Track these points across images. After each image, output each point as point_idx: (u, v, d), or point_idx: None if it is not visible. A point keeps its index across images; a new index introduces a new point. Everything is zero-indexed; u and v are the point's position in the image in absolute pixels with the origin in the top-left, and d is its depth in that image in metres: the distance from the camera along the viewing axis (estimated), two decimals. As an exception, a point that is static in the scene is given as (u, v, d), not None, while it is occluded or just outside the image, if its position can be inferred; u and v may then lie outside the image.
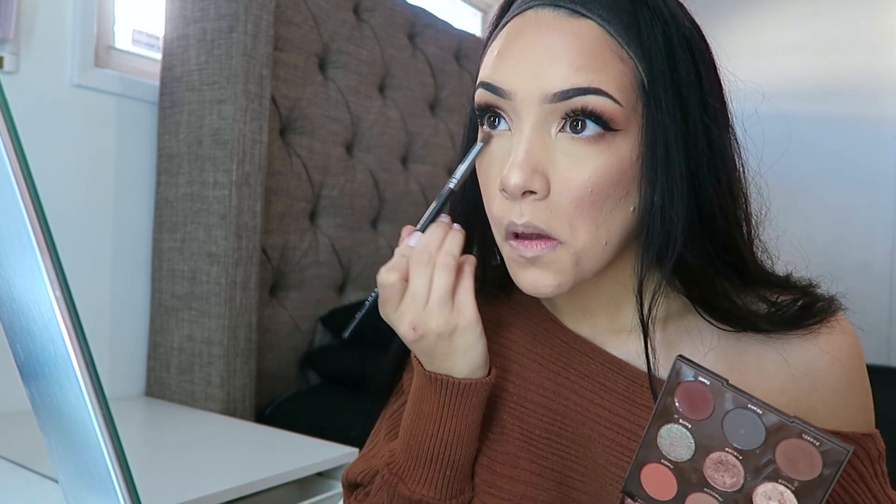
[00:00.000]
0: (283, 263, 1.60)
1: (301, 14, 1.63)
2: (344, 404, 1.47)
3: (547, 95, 0.48)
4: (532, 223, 0.50)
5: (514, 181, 0.48)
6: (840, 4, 2.66)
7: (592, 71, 0.48)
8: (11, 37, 1.30)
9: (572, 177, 0.49)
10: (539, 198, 0.49)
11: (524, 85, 0.49)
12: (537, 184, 0.49)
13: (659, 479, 0.45)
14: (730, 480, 0.43)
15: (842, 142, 2.63)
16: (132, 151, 1.52)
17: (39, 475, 1.00)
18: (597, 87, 0.48)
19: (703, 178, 0.51)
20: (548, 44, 0.49)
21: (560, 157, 0.49)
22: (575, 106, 0.48)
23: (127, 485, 0.38)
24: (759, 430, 0.42)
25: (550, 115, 0.49)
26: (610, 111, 0.48)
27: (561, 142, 0.50)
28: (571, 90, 0.48)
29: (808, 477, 0.40)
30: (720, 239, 0.52)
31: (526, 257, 0.51)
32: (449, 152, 2.15)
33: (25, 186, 0.36)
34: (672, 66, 0.50)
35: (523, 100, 0.50)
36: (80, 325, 0.37)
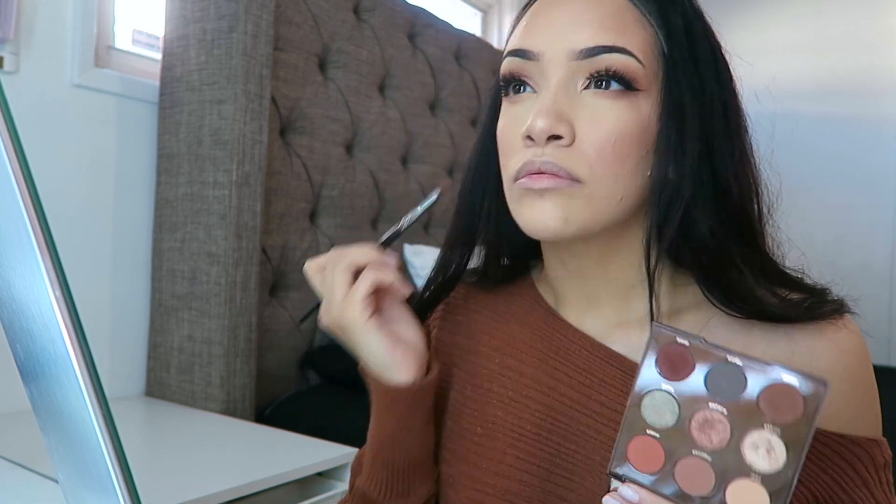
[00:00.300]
0: (283, 263, 1.61)
1: (301, 14, 1.63)
2: (344, 404, 1.47)
3: (574, 52, 0.51)
4: (552, 161, 0.50)
5: (540, 125, 0.50)
6: (840, 4, 2.66)
7: (617, 32, 0.51)
8: (11, 37, 1.30)
9: (597, 126, 0.51)
10: (564, 143, 0.50)
11: (552, 44, 0.52)
12: (563, 129, 0.50)
13: (646, 451, 0.45)
14: (717, 438, 0.43)
15: (842, 142, 2.63)
16: (132, 151, 1.52)
17: (39, 475, 1.00)
18: (621, 46, 0.51)
19: (719, 146, 0.53)
20: (576, 9, 0.52)
21: (585, 111, 0.51)
22: (600, 64, 0.51)
23: (127, 485, 0.38)
24: (740, 381, 0.43)
25: (576, 72, 0.52)
26: (633, 70, 0.51)
27: (585, 97, 0.52)
28: (597, 48, 0.50)
29: (791, 419, 0.41)
30: (734, 208, 0.53)
31: (536, 189, 0.51)
32: (449, 152, 2.15)
33: (25, 186, 0.36)
34: (690, 40, 0.53)
35: (550, 59, 0.52)
36: (80, 325, 0.37)
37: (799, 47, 2.71)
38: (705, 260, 0.53)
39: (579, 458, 0.56)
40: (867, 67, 2.62)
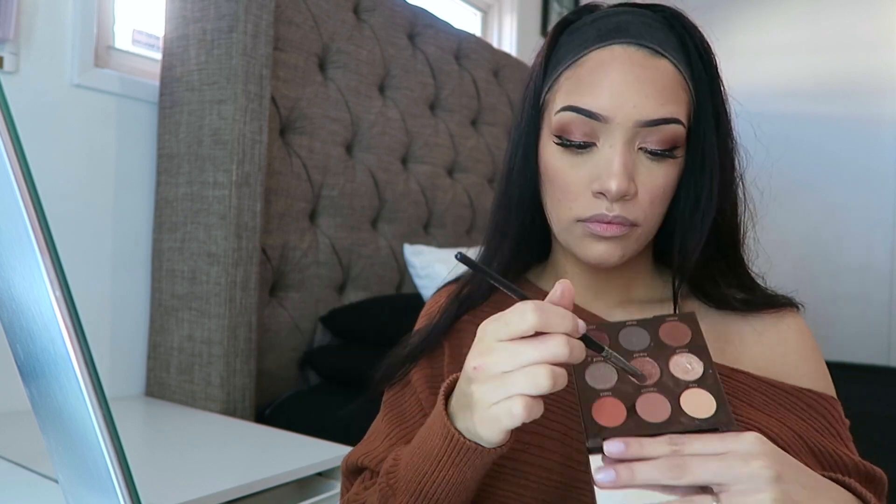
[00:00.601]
0: (283, 263, 1.61)
1: (301, 14, 1.63)
2: (344, 404, 1.47)
3: (640, 122, 0.59)
4: (621, 215, 0.61)
5: (616, 187, 0.59)
6: (840, 4, 2.66)
7: (673, 104, 0.60)
8: (11, 37, 1.30)
9: (652, 183, 0.61)
10: (629, 198, 0.61)
11: (623, 111, 0.59)
12: (632, 189, 0.60)
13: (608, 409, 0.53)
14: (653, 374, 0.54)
15: (842, 142, 2.63)
16: (132, 151, 1.52)
17: (39, 475, 1.00)
18: (676, 117, 0.60)
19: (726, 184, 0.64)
20: (639, 78, 0.60)
21: (642, 169, 0.61)
22: (660, 133, 0.60)
23: (127, 485, 0.38)
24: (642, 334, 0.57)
25: (637, 136, 0.60)
26: (682, 136, 0.61)
27: (641, 156, 0.61)
28: (660, 119, 0.60)
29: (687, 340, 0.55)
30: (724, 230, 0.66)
31: (605, 236, 0.62)
32: (449, 152, 2.15)
33: (25, 186, 0.36)
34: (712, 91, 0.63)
35: (620, 123, 0.60)
36: (80, 325, 0.37)
37: (798, 47, 2.71)
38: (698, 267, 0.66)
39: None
40: (866, 67, 2.62)
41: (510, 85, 2.45)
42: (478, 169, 2.29)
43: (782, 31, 2.73)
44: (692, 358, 0.54)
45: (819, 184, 2.59)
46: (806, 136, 2.60)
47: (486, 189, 2.33)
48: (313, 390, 1.61)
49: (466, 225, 2.24)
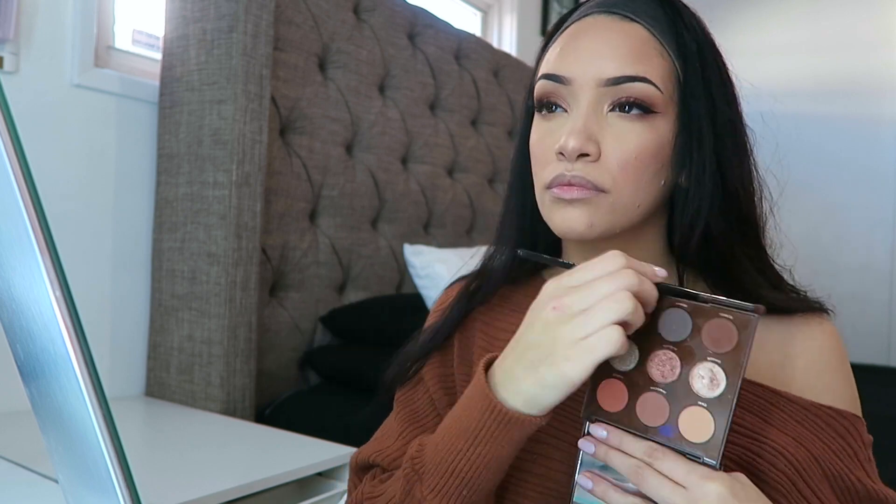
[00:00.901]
0: (283, 263, 1.61)
1: (301, 14, 1.63)
2: (344, 404, 1.47)
3: (602, 80, 0.59)
4: (581, 176, 0.59)
5: (571, 144, 0.58)
6: (840, 4, 2.66)
7: (640, 63, 0.59)
8: (11, 37, 1.30)
9: (620, 145, 0.59)
10: (591, 160, 0.59)
11: (584, 72, 0.59)
12: (591, 147, 0.58)
13: (612, 392, 0.52)
14: (669, 374, 0.50)
15: (842, 142, 2.63)
16: (132, 151, 1.52)
17: (39, 475, 1.00)
18: (643, 76, 0.58)
19: (728, 159, 0.61)
20: (605, 40, 0.60)
21: (609, 131, 0.59)
22: (625, 92, 0.58)
23: (127, 485, 0.38)
24: (686, 322, 0.50)
25: (603, 96, 0.59)
26: (652, 96, 0.59)
27: (611, 118, 0.60)
28: (623, 77, 0.58)
29: (728, 348, 0.48)
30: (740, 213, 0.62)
31: (566, 199, 0.59)
32: (449, 152, 2.15)
33: (25, 186, 0.36)
34: (703, 65, 0.61)
35: (581, 84, 0.60)
36: (80, 325, 0.37)
37: (798, 47, 2.71)
38: (715, 259, 0.62)
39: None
40: (866, 67, 2.62)
41: (510, 85, 2.45)
42: (478, 169, 2.29)
43: (782, 31, 2.73)
44: (720, 373, 0.48)
45: (819, 184, 2.59)
46: (806, 136, 2.60)
47: (486, 189, 2.33)
48: (313, 390, 1.61)
49: (466, 225, 2.24)
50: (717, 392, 0.48)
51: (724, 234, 0.61)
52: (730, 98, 0.63)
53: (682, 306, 0.50)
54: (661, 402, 0.50)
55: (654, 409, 0.50)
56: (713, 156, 0.60)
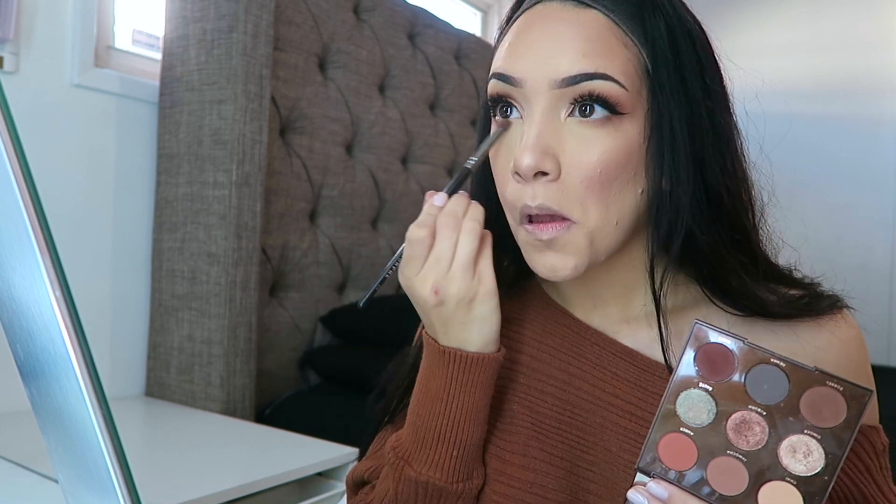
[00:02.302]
0: (283, 263, 1.60)
1: (301, 14, 1.63)
2: (344, 404, 1.47)
3: (555, 81, 0.51)
4: (545, 205, 0.51)
5: (526, 163, 0.50)
6: (840, 4, 2.66)
7: (598, 57, 0.50)
8: (11, 37, 1.29)
9: (582, 158, 0.51)
10: (551, 179, 0.51)
11: (534, 72, 0.52)
12: (549, 164, 0.51)
13: (678, 448, 0.45)
14: (753, 439, 0.43)
15: (842, 142, 2.63)
16: (132, 151, 1.52)
17: (39, 475, 1.00)
18: (603, 72, 0.50)
19: (709, 159, 0.53)
20: (556, 33, 0.51)
21: (569, 140, 0.51)
22: (583, 91, 0.50)
23: (127, 485, 0.38)
24: (782, 384, 0.43)
25: (559, 100, 0.51)
26: (616, 95, 0.50)
27: (570, 125, 0.52)
28: (579, 75, 0.50)
29: (832, 423, 0.42)
30: (727, 218, 0.54)
31: (542, 240, 0.52)
32: (449, 152, 2.15)
33: (25, 186, 0.36)
34: (675, 53, 0.52)
35: (533, 86, 0.52)
36: (80, 325, 0.37)
37: (798, 47, 2.71)
38: (705, 269, 0.55)
39: (598, 449, 0.57)
40: (866, 67, 2.62)
41: (510, 85, 2.45)
42: (478, 169, 2.29)
43: (782, 31, 2.73)
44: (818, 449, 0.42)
45: (819, 184, 2.59)
46: (806, 136, 2.60)
47: (486, 189, 2.33)
48: (313, 390, 1.61)
49: (466, 225, 2.24)
50: (812, 470, 0.42)
51: (712, 244, 0.53)
52: (710, 89, 0.53)
53: (778, 365, 0.44)
54: (740, 469, 0.43)
55: (729, 477, 0.43)
56: (689, 156, 0.52)
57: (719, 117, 0.54)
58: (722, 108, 0.54)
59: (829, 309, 0.55)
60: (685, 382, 0.46)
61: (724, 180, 0.53)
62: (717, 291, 0.56)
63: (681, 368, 0.46)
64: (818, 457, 0.42)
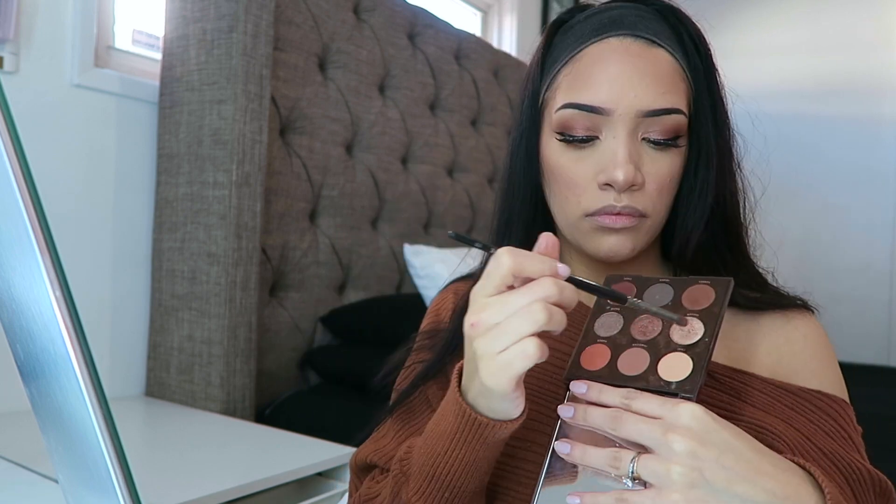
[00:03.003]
0: (283, 263, 1.61)
1: (301, 14, 1.63)
2: (344, 404, 1.47)
3: (642, 112, 0.60)
4: (631, 205, 0.61)
5: (623, 177, 0.59)
6: (840, 4, 2.66)
7: (673, 94, 0.61)
8: (11, 37, 1.30)
9: (657, 171, 0.62)
10: (637, 189, 0.61)
11: (624, 102, 0.60)
12: (639, 178, 0.61)
13: (595, 355, 0.55)
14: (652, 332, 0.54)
15: (842, 142, 2.63)
16: (132, 151, 1.52)
17: (39, 475, 1.00)
18: (678, 108, 0.61)
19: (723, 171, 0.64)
20: (637, 68, 0.60)
21: (646, 158, 0.62)
22: (661, 124, 0.60)
23: (127, 485, 0.38)
24: (668, 292, 0.56)
25: (639, 126, 0.61)
26: (683, 126, 0.62)
27: (645, 146, 0.62)
28: (661, 110, 0.60)
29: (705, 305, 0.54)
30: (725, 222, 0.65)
31: (615, 228, 0.62)
32: (449, 152, 2.15)
33: (25, 186, 0.36)
34: (709, 81, 0.63)
35: (622, 115, 0.60)
36: (80, 325, 0.37)
37: (798, 47, 2.71)
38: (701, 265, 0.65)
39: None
40: (866, 67, 2.62)
41: (510, 85, 2.45)
42: (478, 169, 2.29)
43: (782, 31, 2.73)
44: (697, 323, 0.53)
45: (819, 184, 2.59)
46: (806, 136, 2.60)
47: (486, 189, 2.33)
48: (313, 390, 1.61)
49: (466, 225, 2.24)
50: (696, 338, 0.52)
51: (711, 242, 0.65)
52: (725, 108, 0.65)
53: (665, 281, 0.57)
54: (642, 354, 0.53)
55: (635, 362, 0.53)
56: (714, 167, 0.63)
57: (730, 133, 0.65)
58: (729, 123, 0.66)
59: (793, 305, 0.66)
60: (600, 310, 0.58)
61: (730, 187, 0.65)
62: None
63: (596, 303, 0.59)
64: (698, 328, 0.53)
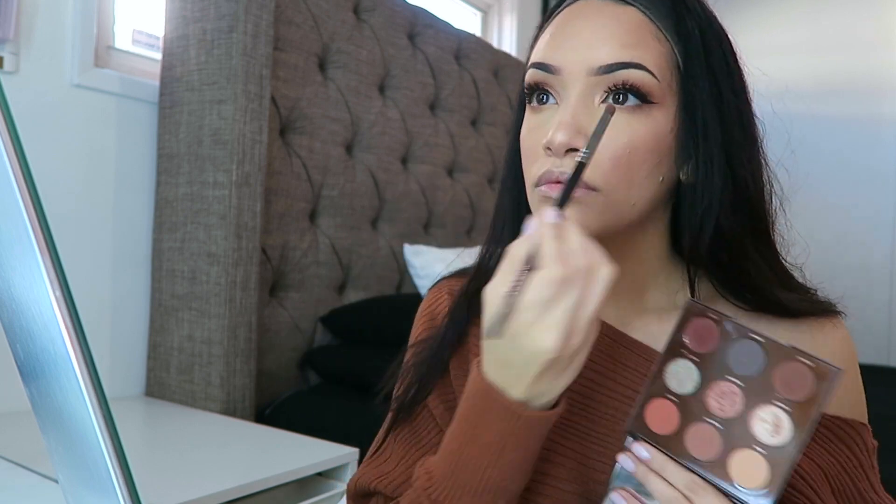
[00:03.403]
0: (283, 263, 1.61)
1: (301, 14, 1.63)
2: (344, 404, 1.47)
3: (593, 69, 0.54)
4: (569, 171, 0.52)
5: (559, 138, 0.53)
6: (840, 4, 2.66)
7: (634, 48, 0.54)
8: (11, 37, 1.30)
9: (612, 140, 0.53)
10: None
11: (573, 60, 0.55)
12: (580, 142, 0.53)
13: (662, 413, 0.48)
14: (730, 409, 0.47)
15: (842, 142, 2.63)
16: (132, 151, 1.52)
17: (39, 475, 1.00)
18: (638, 62, 0.54)
19: (737, 150, 0.57)
20: (596, 25, 0.55)
21: None
22: (618, 79, 0.54)
23: (127, 485, 0.38)
24: (759, 358, 0.47)
25: (595, 87, 0.55)
26: (648, 84, 0.54)
27: (603, 110, 0.53)
28: (616, 64, 0.54)
29: (801, 397, 0.45)
30: (750, 208, 0.58)
31: (553, 196, 0.54)
32: (449, 152, 2.15)
33: (25, 186, 0.36)
34: (707, 52, 0.56)
35: (571, 73, 0.55)
36: (80, 325, 0.37)
37: (798, 47, 2.71)
38: (724, 257, 0.58)
39: (608, 440, 0.57)
40: (866, 67, 2.62)
41: (510, 85, 2.45)
42: (478, 169, 2.29)
43: (782, 31, 2.73)
44: (786, 419, 0.44)
45: (819, 184, 2.59)
46: (806, 136, 2.60)
47: (486, 189, 2.33)
48: (313, 390, 1.61)
49: (466, 225, 2.24)
50: (780, 441, 0.44)
51: (734, 232, 0.56)
52: (737, 87, 0.58)
53: (757, 339, 0.47)
54: (715, 436, 0.46)
55: (704, 442, 0.47)
56: (721, 148, 0.55)
57: (746, 114, 0.58)
58: (748, 106, 0.59)
59: (828, 313, 0.60)
60: (674, 353, 0.49)
61: (750, 173, 0.57)
62: (729, 282, 0.59)
63: (671, 340, 0.50)
64: (787, 428, 0.44)
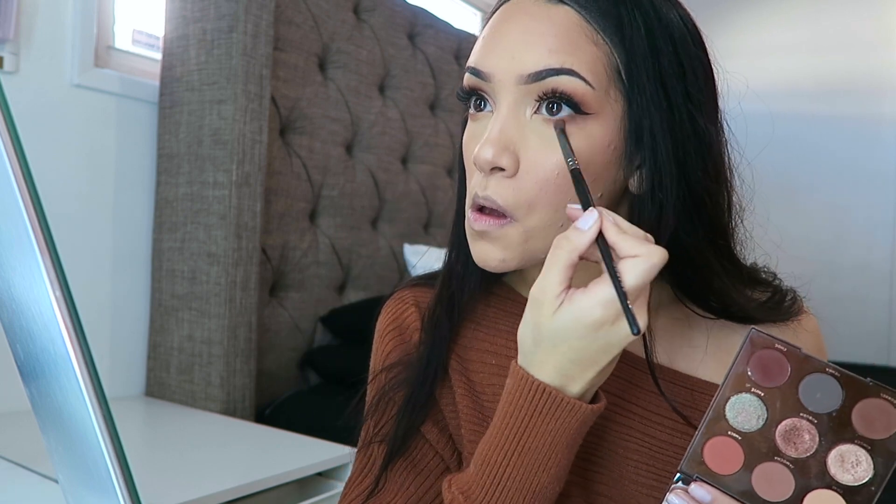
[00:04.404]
0: (283, 263, 1.61)
1: (301, 14, 1.63)
2: (344, 404, 1.47)
3: (522, 76, 0.50)
4: (491, 197, 0.51)
5: (483, 156, 0.50)
6: (840, 4, 2.66)
7: (565, 53, 0.49)
8: (11, 37, 1.30)
9: (541, 159, 0.50)
10: (507, 175, 0.51)
11: (502, 67, 0.51)
12: (506, 160, 0.50)
13: (724, 452, 0.45)
14: (802, 447, 0.43)
15: (842, 142, 2.63)
16: (132, 151, 1.52)
17: (39, 475, 1.00)
18: (569, 67, 0.49)
19: (691, 163, 0.52)
20: (526, 28, 0.51)
21: (532, 138, 0.51)
22: (547, 87, 0.49)
23: (127, 485, 0.38)
24: (836, 393, 0.43)
25: (525, 96, 0.51)
26: (581, 92, 0.49)
27: (534, 123, 0.51)
28: (544, 71, 0.49)
29: (884, 435, 0.42)
30: (708, 220, 0.54)
31: (475, 230, 0.53)
32: (449, 152, 2.15)
33: (25, 186, 0.36)
34: (654, 55, 0.50)
35: (500, 81, 0.51)
36: (80, 325, 0.37)
37: (798, 47, 2.71)
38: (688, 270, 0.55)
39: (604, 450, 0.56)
40: (866, 67, 2.62)
41: (510, 85, 2.45)
42: (478, 169, 2.29)
43: (782, 31, 2.73)
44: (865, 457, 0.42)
45: (819, 184, 2.59)
46: (806, 136, 2.60)
47: (486, 189, 2.33)
48: (313, 390, 1.61)
49: (466, 225, 2.24)
50: (860, 479, 0.42)
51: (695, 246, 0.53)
52: (690, 93, 0.51)
53: (833, 374, 0.44)
54: (787, 476, 0.43)
55: (774, 482, 0.43)
56: (672, 160, 0.50)
57: (701, 122, 0.52)
58: (705, 114, 0.53)
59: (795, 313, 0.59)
60: (737, 387, 0.45)
61: (705, 184, 0.52)
62: (689, 292, 0.57)
63: (733, 373, 0.46)
64: (867, 467, 0.42)
